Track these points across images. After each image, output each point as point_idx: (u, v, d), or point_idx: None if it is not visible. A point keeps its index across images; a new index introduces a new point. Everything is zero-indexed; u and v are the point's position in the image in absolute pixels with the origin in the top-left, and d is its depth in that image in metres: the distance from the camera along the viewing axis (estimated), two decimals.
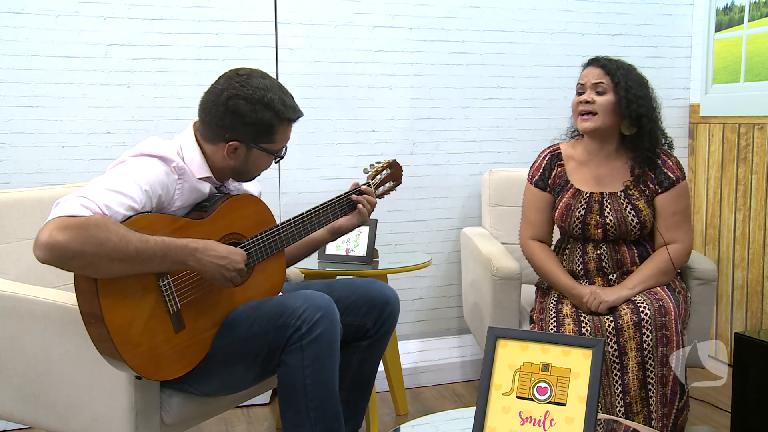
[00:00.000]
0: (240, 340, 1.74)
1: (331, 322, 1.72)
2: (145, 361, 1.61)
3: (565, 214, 2.26)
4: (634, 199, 2.22)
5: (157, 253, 1.56)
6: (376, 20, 2.96)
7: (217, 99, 1.75)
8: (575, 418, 1.34)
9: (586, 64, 2.29)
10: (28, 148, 2.62)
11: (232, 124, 1.74)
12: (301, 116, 1.84)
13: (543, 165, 2.36)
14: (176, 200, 1.73)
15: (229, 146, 1.76)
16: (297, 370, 1.70)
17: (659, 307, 2.05)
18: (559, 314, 2.17)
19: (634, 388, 2.02)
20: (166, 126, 2.72)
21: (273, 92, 1.75)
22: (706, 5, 3.23)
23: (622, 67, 2.23)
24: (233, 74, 1.78)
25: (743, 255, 3.09)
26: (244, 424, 2.70)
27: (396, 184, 2.18)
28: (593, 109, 2.20)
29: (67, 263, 1.48)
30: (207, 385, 1.79)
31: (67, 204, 1.50)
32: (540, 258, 2.30)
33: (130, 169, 1.65)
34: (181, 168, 1.72)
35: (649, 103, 2.21)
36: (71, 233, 1.45)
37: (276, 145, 1.82)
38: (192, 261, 1.62)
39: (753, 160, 3.03)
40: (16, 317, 1.83)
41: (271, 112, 1.75)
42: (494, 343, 1.43)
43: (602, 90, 2.20)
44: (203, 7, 2.75)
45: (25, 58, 2.59)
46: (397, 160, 2.19)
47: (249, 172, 1.85)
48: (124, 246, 1.50)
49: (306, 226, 1.91)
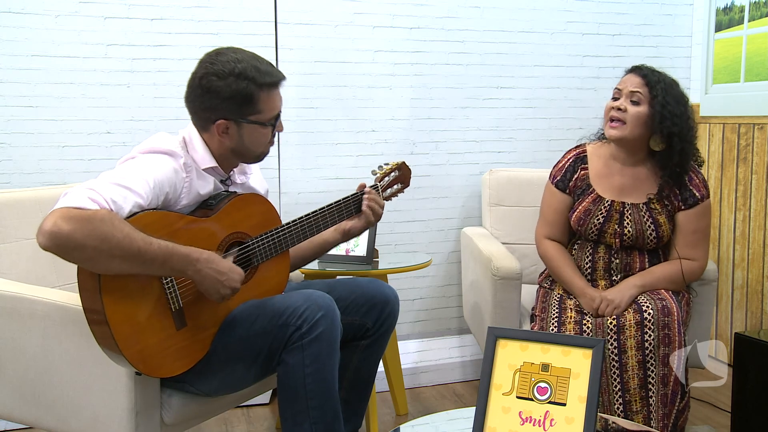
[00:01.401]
0: (240, 339, 1.74)
1: (332, 321, 1.72)
2: (145, 358, 1.61)
3: (582, 218, 2.24)
4: (656, 213, 2.19)
5: (158, 258, 1.56)
6: (376, 20, 2.96)
7: (192, 83, 1.77)
8: (575, 418, 1.34)
9: (629, 70, 2.23)
10: (28, 148, 2.62)
11: (212, 102, 1.74)
12: (283, 79, 1.81)
13: (566, 167, 2.32)
14: (183, 198, 1.73)
15: (218, 126, 1.76)
16: (297, 369, 1.70)
17: (662, 307, 2.05)
18: (561, 312, 2.17)
19: (633, 386, 2.02)
20: (166, 126, 2.72)
21: (244, 62, 1.74)
22: (706, 5, 3.23)
23: (664, 80, 2.16)
24: (204, 56, 1.79)
25: (743, 255, 3.09)
26: (244, 424, 2.70)
27: (404, 186, 2.17)
28: (623, 118, 2.15)
29: (68, 254, 1.48)
30: (207, 384, 1.79)
31: (74, 195, 1.50)
32: (554, 257, 2.29)
33: (140, 165, 1.65)
34: (188, 165, 1.73)
35: (684, 122, 2.14)
36: (75, 224, 1.45)
37: (264, 114, 1.79)
38: (191, 271, 1.62)
39: (753, 160, 3.03)
40: (16, 317, 1.83)
41: (245, 81, 1.73)
42: (494, 343, 1.43)
43: (637, 100, 2.14)
44: (203, 7, 2.75)
45: (25, 58, 2.59)
46: (405, 162, 2.17)
47: (248, 149, 1.82)
48: (127, 244, 1.51)
49: (311, 227, 1.91)
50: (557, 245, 2.32)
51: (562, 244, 2.34)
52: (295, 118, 2.89)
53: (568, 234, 2.35)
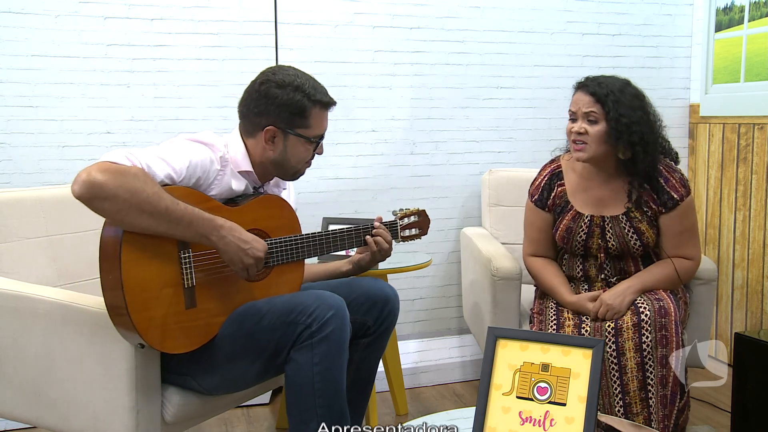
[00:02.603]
0: (247, 334, 1.75)
1: (342, 321, 1.73)
2: (151, 327, 1.64)
3: (566, 237, 2.23)
4: (636, 221, 2.17)
5: (185, 218, 1.63)
6: (376, 20, 2.96)
7: (251, 89, 1.86)
8: (575, 418, 1.34)
9: (576, 87, 2.20)
10: (28, 148, 2.62)
11: (267, 107, 1.82)
12: (334, 104, 1.91)
13: (542, 185, 2.30)
14: (213, 188, 1.80)
15: (267, 132, 1.83)
16: (306, 367, 1.70)
17: (659, 308, 2.05)
18: (559, 315, 2.17)
19: (633, 388, 2.02)
20: (166, 126, 2.73)
21: (303, 78, 1.86)
22: (706, 5, 3.23)
23: (613, 91, 2.10)
24: (266, 69, 1.90)
25: (743, 255, 3.09)
26: (244, 424, 2.70)
27: (422, 233, 2.16)
28: (585, 140, 2.12)
29: (100, 203, 1.55)
30: (209, 380, 1.79)
31: (113, 154, 1.60)
32: (541, 274, 2.28)
33: (180, 145, 1.75)
34: (225, 159, 1.81)
35: (644, 126, 2.10)
36: (110, 176, 1.54)
37: (311, 130, 1.87)
38: (215, 237, 1.67)
39: (753, 160, 3.03)
40: (17, 316, 1.83)
41: (301, 93, 1.83)
42: (494, 343, 1.43)
43: (594, 119, 2.11)
44: (203, 7, 2.75)
45: (25, 58, 2.59)
46: (425, 211, 2.17)
47: (288, 162, 1.88)
48: (156, 200, 1.58)
49: (329, 244, 1.95)
50: (544, 261, 2.30)
51: (550, 258, 2.33)
52: None
53: (555, 248, 2.33)
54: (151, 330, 1.63)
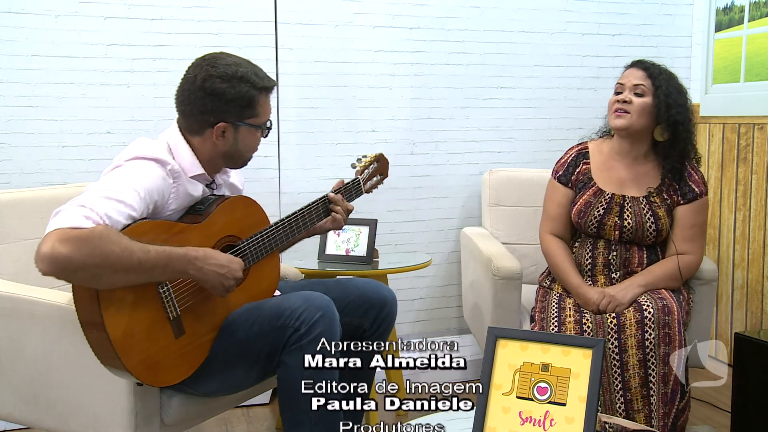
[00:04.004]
0: (240, 342, 1.74)
1: (331, 322, 1.72)
2: (146, 368, 1.61)
3: (583, 211, 2.26)
4: (655, 206, 2.22)
5: (159, 263, 1.56)
6: (376, 20, 2.96)
7: (192, 86, 1.75)
8: (575, 418, 1.34)
9: (629, 65, 2.28)
10: (28, 148, 2.62)
11: (215, 105, 1.74)
12: (275, 85, 1.86)
13: (568, 161, 2.36)
14: (171, 204, 1.72)
15: (217, 129, 1.76)
16: (296, 370, 1.69)
17: (663, 306, 2.05)
18: (560, 312, 2.17)
19: (635, 385, 2.02)
20: (166, 126, 2.70)
21: (244, 66, 1.77)
22: (706, 5, 3.23)
23: (665, 72, 2.23)
24: (200, 60, 1.79)
25: (743, 255, 3.09)
26: (244, 424, 2.70)
27: (383, 177, 2.20)
28: (628, 109, 2.20)
29: (71, 275, 1.47)
30: (207, 386, 1.78)
31: (67, 214, 1.47)
32: (554, 253, 2.30)
33: (127, 174, 1.63)
34: (175, 171, 1.72)
35: (686, 112, 2.21)
36: (74, 245, 1.43)
37: (260, 118, 1.81)
38: (192, 270, 1.62)
39: (753, 160, 3.03)
40: (16, 318, 1.83)
41: (247, 84, 1.75)
42: (494, 343, 1.43)
43: (641, 92, 2.20)
44: (203, 7, 2.75)
45: (25, 58, 2.59)
46: (383, 154, 2.19)
47: (240, 153, 1.83)
48: (127, 257, 1.50)
49: (299, 226, 1.93)
50: (558, 241, 2.33)
51: (565, 241, 2.35)
52: (294, 118, 2.89)
53: (571, 231, 2.36)
54: (147, 371, 1.61)
